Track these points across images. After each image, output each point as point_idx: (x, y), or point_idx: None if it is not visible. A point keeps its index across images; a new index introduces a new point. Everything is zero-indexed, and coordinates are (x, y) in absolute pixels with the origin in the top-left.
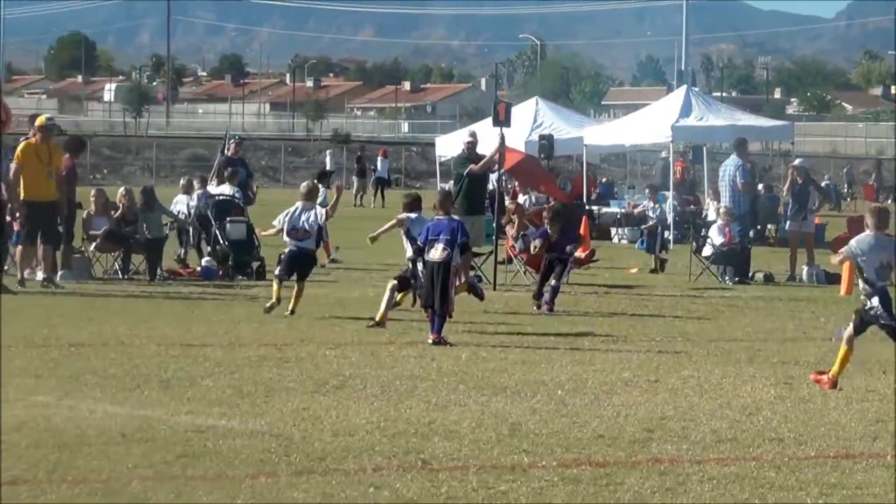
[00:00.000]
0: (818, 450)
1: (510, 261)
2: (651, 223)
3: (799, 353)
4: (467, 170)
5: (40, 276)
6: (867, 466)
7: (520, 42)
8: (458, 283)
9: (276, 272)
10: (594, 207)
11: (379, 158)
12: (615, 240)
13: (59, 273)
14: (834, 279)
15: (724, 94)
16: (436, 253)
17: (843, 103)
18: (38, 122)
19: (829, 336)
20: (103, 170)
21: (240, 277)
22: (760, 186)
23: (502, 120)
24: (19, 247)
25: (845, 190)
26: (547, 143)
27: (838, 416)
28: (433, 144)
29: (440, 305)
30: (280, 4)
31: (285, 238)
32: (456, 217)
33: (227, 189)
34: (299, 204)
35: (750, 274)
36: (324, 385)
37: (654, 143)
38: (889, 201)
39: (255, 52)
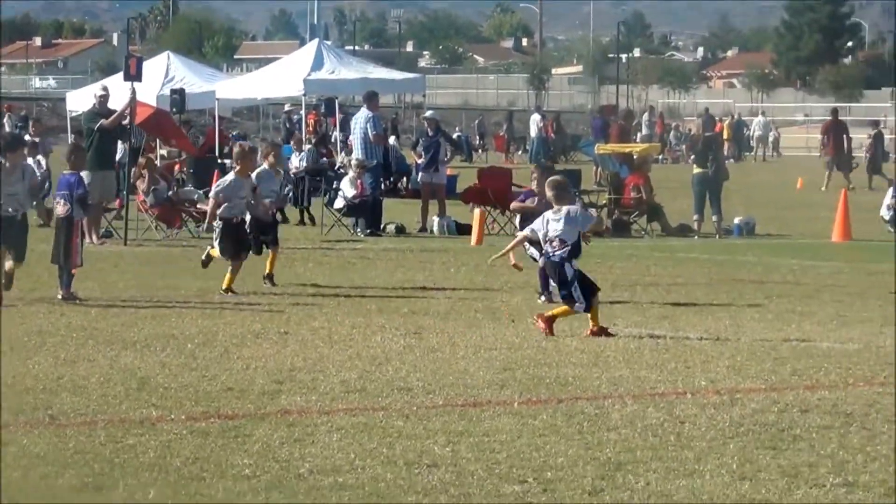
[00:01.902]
0: (446, 398)
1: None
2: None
3: (429, 304)
4: (98, 124)
5: None
6: (494, 414)
7: None
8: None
9: None
10: (226, 161)
11: (7, 115)
12: None
13: None
14: (465, 230)
15: (356, 48)
16: (58, 208)
17: (475, 56)
18: None
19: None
20: None
21: None
22: (393, 139)
23: (133, 75)
24: None
25: (477, 141)
26: (178, 97)
27: (466, 364)
28: (64, 100)
29: (65, 261)
30: None
31: None
32: (77, 172)
33: None
34: None
35: (382, 226)
36: None
37: (286, 96)
38: (520, 152)
39: None
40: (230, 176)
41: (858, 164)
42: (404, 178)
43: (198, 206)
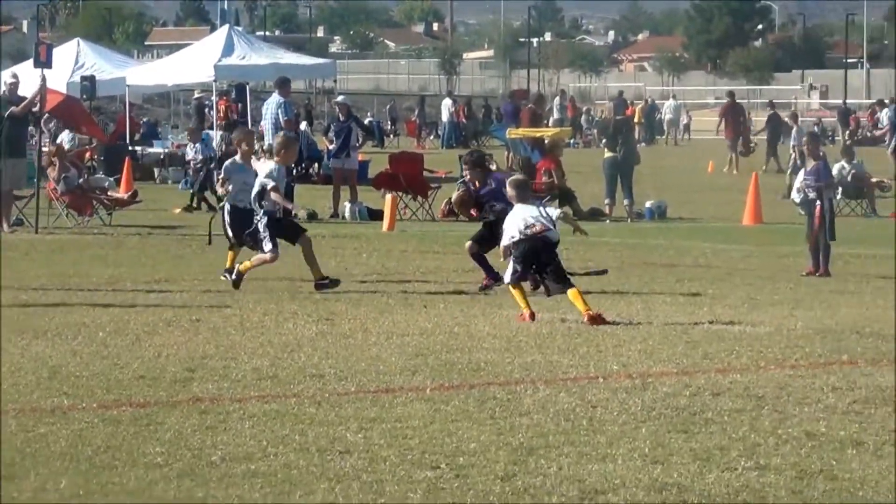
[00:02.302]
0: (358, 385)
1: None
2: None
3: (341, 289)
4: (8, 112)
5: None
6: (406, 400)
7: None
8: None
9: None
10: (137, 148)
11: None
12: (158, 180)
13: None
14: (377, 215)
15: (267, 34)
16: None
17: (387, 41)
18: None
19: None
20: None
21: None
22: (304, 125)
23: (43, 61)
24: None
25: (389, 127)
26: (89, 84)
27: (379, 350)
28: None
29: None
30: None
31: None
32: None
33: None
34: None
35: (293, 212)
36: None
37: (197, 82)
38: (431, 137)
39: None
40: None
41: (756, 145)
42: (316, 164)
43: (108, 192)
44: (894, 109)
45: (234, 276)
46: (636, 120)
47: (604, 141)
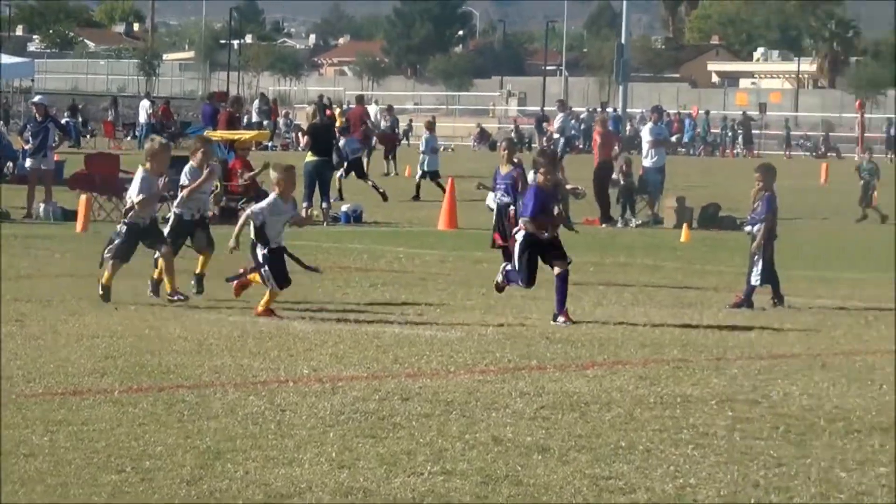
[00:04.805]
0: (46, 387)
1: None
2: None
3: (32, 290)
4: None
5: None
6: (94, 402)
7: None
8: None
9: None
10: None
11: None
12: None
13: None
14: (70, 216)
15: None
16: None
17: (86, 40)
18: None
19: None
20: None
21: None
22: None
23: None
24: None
25: (85, 127)
26: None
27: (68, 353)
28: None
29: None
30: None
31: None
32: None
33: None
34: None
35: None
36: None
37: None
38: (129, 138)
39: None
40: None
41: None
42: (10, 164)
43: None
44: (564, 117)
45: None
46: (337, 124)
47: (304, 144)
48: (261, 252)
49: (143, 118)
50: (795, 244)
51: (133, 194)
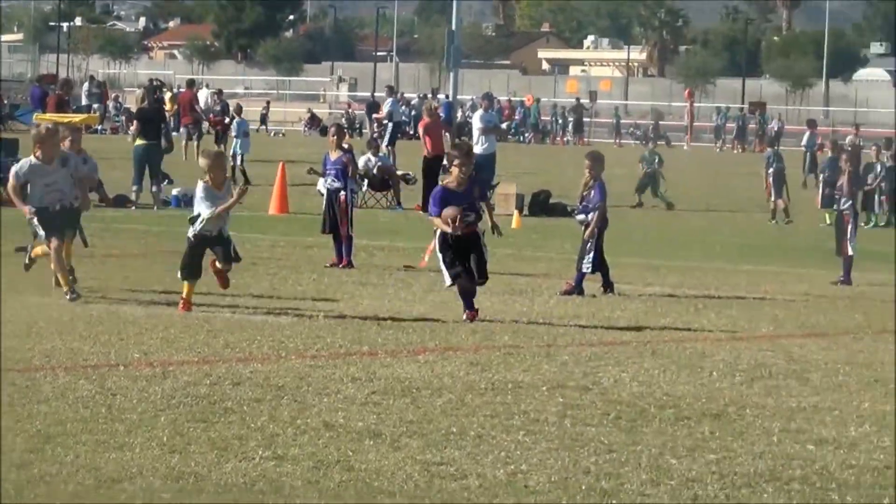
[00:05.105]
0: None
1: None
2: None
3: None
4: None
5: None
6: None
7: None
8: None
9: None
10: None
11: None
12: None
13: None
14: None
15: None
16: None
17: None
18: None
19: None
20: None
21: None
22: None
23: None
24: None
25: None
26: None
27: None
28: None
29: None
30: None
31: None
32: None
33: None
34: None
35: None
36: None
37: None
38: None
39: None
40: None
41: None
42: None
43: None
44: (393, 102)
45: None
46: (168, 108)
47: (133, 128)
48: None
49: None
50: (625, 232)
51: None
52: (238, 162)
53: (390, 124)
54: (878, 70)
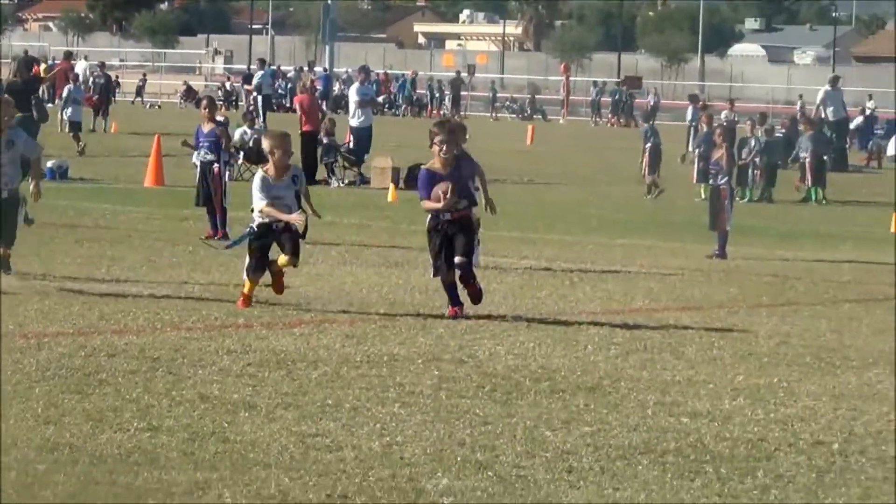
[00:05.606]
0: None
1: None
2: None
3: None
4: None
5: None
6: None
7: None
8: None
9: None
10: None
11: None
12: None
13: None
14: None
15: None
16: None
17: None
18: None
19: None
20: None
21: None
22: None
23: None
24: None
25: None
26: None
27: None
28: None
29: None
30: None
31: None
32: None
33: None
34: None
35: None
36: None
37: None
38: None
39: None
40: None
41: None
42: None
43: None
44: (262, 75)
45: None
46: (43, 77)
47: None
48: None
49: None
50: (501, 205)
51: None
52: (67, 129)
53: (259, 97)
54: (753, 45)
